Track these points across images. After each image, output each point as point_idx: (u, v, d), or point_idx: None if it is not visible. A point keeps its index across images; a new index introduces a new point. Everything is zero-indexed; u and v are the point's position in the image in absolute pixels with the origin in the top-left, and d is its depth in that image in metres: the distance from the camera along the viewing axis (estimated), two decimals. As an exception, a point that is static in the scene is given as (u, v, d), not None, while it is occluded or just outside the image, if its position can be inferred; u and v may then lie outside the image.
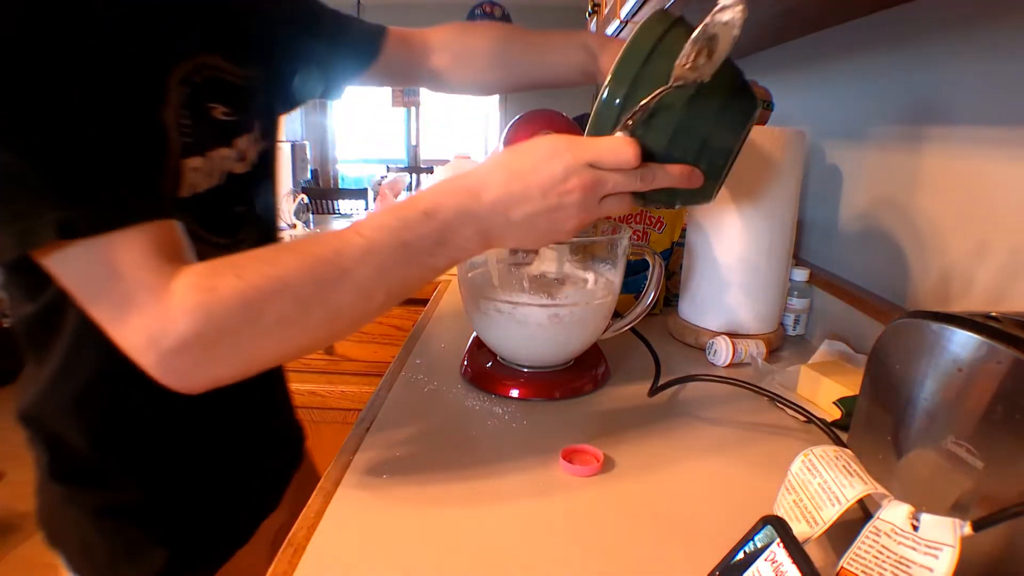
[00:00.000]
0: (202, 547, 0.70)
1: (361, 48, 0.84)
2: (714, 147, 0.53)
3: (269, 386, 0.81)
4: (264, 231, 0.71)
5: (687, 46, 0.47)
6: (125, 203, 0.46)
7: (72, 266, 0.45)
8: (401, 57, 0.86)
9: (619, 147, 0.50)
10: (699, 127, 0.52)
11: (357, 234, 0.49)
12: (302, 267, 0.47)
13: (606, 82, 0.52)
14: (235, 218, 0.65)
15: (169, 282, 0.45)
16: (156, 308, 0.45)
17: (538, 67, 0.86)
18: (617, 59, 0.52)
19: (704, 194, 0.56)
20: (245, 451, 0.74)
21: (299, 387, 1.68)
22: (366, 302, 0.50)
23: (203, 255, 0.51)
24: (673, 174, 0.52)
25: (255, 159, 0.66)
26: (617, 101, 0.52)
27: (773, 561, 0.37)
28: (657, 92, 0.49)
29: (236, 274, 0.46)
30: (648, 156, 0.52)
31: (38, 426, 0.65)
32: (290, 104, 0.80)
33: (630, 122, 0.51)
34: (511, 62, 0.87)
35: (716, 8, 0.45)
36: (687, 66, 0.47)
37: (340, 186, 6.05)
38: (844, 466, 0.43)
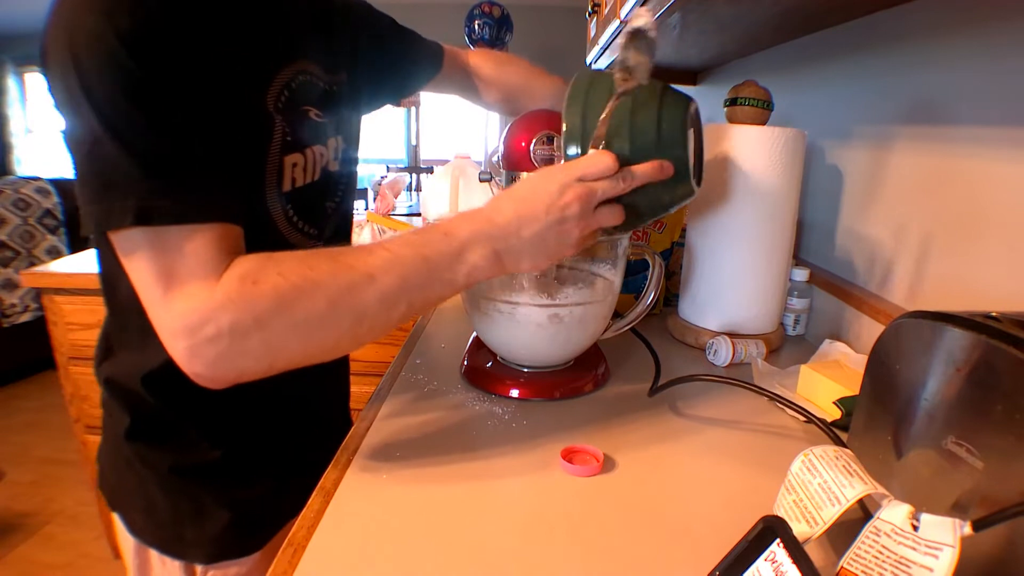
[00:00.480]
0: (261, 514, 0.75)
1: (428, 63, 0.97)
2: (667, 139, 0.61)
3: (336, 377, 0.91)
4: (345, 225, 0.80)
5: (617, 59, 0.57)
6: (202, 203, 0.51)
7: (136, 247, 0.50)
8: (453, 73, 1.01)
9: (597, 158, 0.59)
10: (648, 127, 0.61)
11: (384, 248, 0.54)
12: (335, 272, 0.52)
13: (563, 116, 0.62)
14: (326, 212, 0.72)
15: (220, 275, 0.50)
16: (203, 297, 0.49)
17: (545, 102, 1.03)
18: (565, 98, 0.63)
19: (684, 189, 0.63)
20: (308, 429, 0.80)
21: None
22: (389, 310, 0.54)
23: (297, 246, 0.60)
24: (646, 170, 0.60)
25: (342, 158, 0.75)
26: (576, 125, 0.62)
27: (773, 561, 0.37)
28: (608, 106, 0.58)
29: (278, 271, 0.50)
30: (623, 164, 0.60)
31: (120, 389, 0.69)
32: (368, 108, 0.89)
33: (599, 138, 0.59)
34: (526, 99, 1.05)
35: (628, 27, 0.56)
36: (623, 78, 0.58)
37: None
38: (844, 466, 0.43)
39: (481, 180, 0.95)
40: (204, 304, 0.48)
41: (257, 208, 0.62)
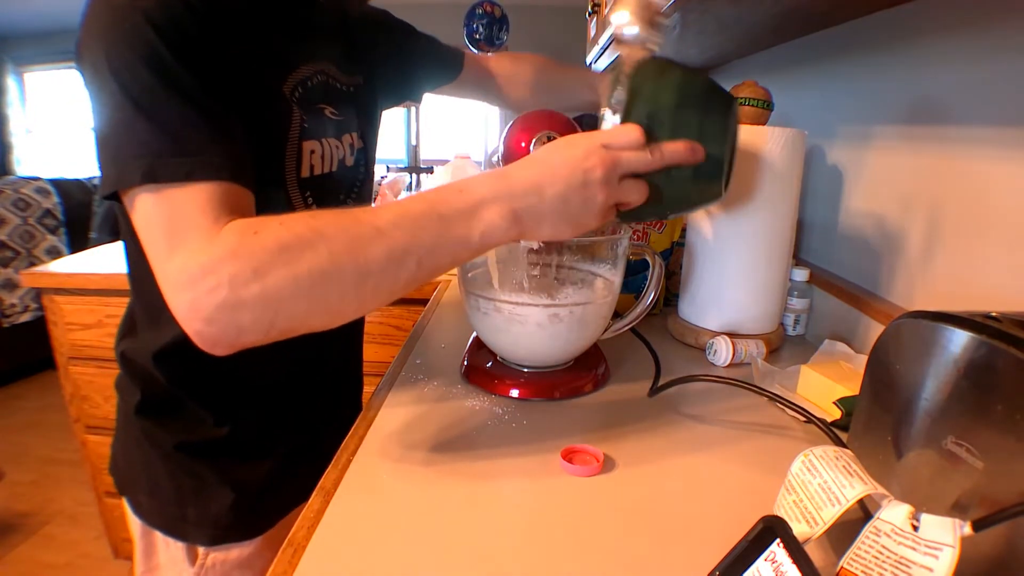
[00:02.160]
0: (264, 497, 0.76)
1: (446, 66, 1.00)
2: (708, 134, 0.59)
3: (346, 361, 0.92)
4: None
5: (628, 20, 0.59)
6: (209, 163, 0.52)
7: (144, 207, 0.51)
8: (472, 77, 1.04)
9: (625, 129, 0.57)
10: (691, 119, 0.58)
11: (395, 204, 0.52)
12: (340, 223, 0.50)
13: (612, 94, 0.60)
14: (343, 205, 0.74)
15: (222, 228, 0.49)
16: (203, 248, 0.48)
17: (563, 99, 1.10)
18: (625, 78, 0.60)
19: (714, 189, 0.61)
20: (317, 413, 0.81)
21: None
22: (397, 268, 0.51)
23: None
24: (677, 148, 0.57)
25: (358, 156, 0.77)
26: (625, 102, 0.59)
27: (773, 561, 0.37)
28: (626, 70, 0.58)
29: (280, 222, 0.49)
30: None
31: (133, 365, 0.72)
32: (385, 106, 0.92)
33: (626, 112, 0.58)
34: (545, 90, 1.08)
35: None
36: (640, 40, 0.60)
37: (340, 186, 6.04)
38: (844, 466, 0.43)
39: None
40: (205, 255, 0.48)
41: (278, 191, 0.65)
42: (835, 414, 0.69)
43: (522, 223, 0.54)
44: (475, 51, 1.58)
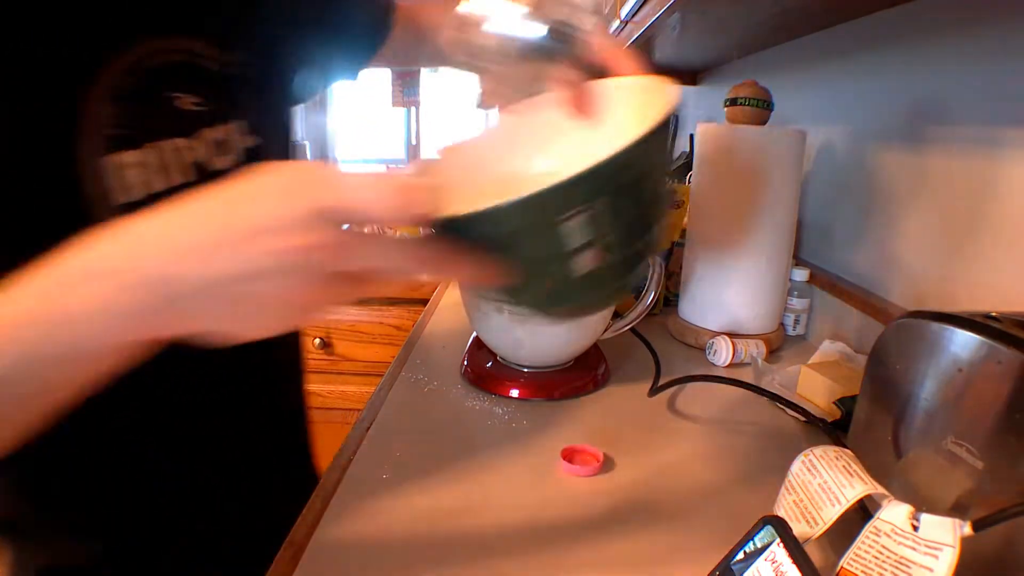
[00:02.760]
0: None
1: (370, 23, 0.73)
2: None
3: (281, 421, 0.67)
4: None
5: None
6: None
7: None
8: (406, 36, 0.76)
9: (387, 186, 0.30)
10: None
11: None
12: None
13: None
14: None
15: None
16: None
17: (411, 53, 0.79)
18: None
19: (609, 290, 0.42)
20: (230, 512, 0.59)
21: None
22: None
23: None
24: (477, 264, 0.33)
25: (242, 155, 0.55)
26: None
27: (773, 561, 0.37)
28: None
29: None
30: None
31: None
32: (294, 95, 0.68)
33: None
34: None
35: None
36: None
37: (340, 186, 6.04)
38: (844, 466, 0.43)
39: None
40: None
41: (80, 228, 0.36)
42: (835, 414, 0.69)
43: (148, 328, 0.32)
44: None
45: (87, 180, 0.43)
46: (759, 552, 0.38)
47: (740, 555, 0.39)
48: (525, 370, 0.78)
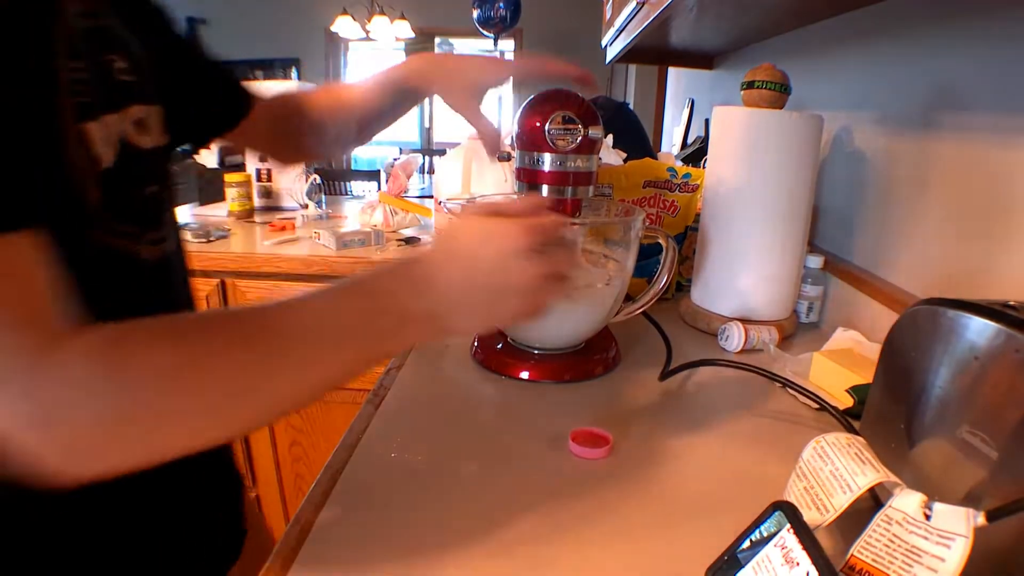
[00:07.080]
0: None
1: (221, 104, 0.71)
2: None
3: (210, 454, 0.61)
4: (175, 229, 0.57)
5: None
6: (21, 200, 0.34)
7: None
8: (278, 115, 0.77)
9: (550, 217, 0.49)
10: None
11: (309, 319, 0.42)
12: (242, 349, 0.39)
13: None
14: (148, 201, 0.50)
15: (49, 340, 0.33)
16: (35, 372, 0.32)
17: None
18: None
19: None
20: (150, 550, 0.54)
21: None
22: (306, 398, 0.44)
23: (118, 248, 0.44)
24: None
25: (161, 137, 0.52)
26: None
27: (783, 547, 0.37)
28: None
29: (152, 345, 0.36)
30: None
31: None
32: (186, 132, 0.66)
33: None
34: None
35: None
36: None
37: (353, 167, 6.07)
38: (856, 454, 0.43)
39: (500, 159, 0.93)
40: (41, 380, 0.32)
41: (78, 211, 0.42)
42: (847, 402, 0.68)
43: (447, 331, 0.48)
44: (488, 35, 1.45)
45: (72, 148, 0.41)
46: (769, 538, 0.38)
47: (750, 540, 0.39)
48: (536, 352, 0.78)
